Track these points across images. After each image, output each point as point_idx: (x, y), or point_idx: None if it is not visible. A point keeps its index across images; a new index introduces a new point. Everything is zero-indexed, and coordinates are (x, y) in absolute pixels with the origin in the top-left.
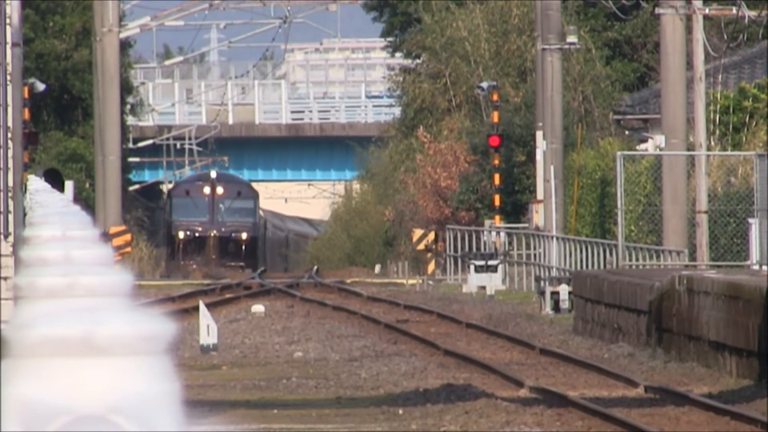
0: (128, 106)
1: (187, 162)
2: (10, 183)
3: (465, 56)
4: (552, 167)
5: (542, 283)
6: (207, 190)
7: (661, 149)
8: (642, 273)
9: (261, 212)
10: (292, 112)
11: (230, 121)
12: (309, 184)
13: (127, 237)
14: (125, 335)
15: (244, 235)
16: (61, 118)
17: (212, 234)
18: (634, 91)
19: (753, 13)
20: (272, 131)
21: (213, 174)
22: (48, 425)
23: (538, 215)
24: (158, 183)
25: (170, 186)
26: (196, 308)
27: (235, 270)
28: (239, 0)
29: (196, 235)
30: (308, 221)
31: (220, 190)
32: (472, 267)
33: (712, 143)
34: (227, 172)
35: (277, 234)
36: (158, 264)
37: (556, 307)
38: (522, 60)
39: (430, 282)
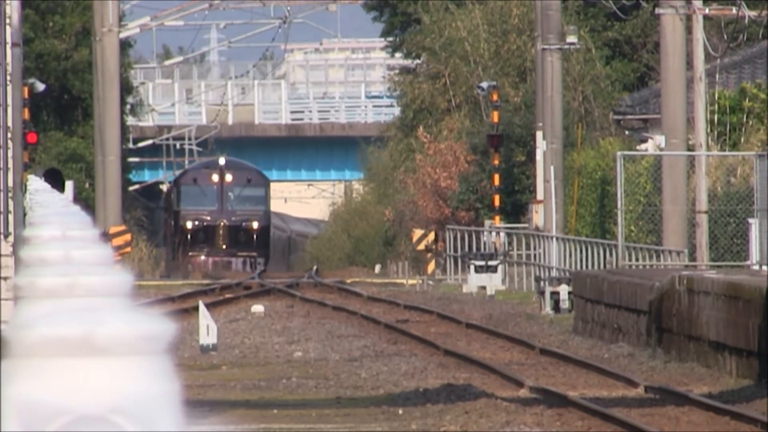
0: (128, 106)
1: (187, 162)
2: (10, 183)
3: (464, 56)
4: (552, 167)
5: (542, 283)
6: (215, 177)
7: (661, 149)
8: (642, 273)
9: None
10: (292, 112)
11: (230, 121)
12: (309, 184)
13: (127, 237)
14: (125, 335)
15: (255, 224)
16: (61, 118)
17: (222, 223)
18: (634, 91)
19: (753, 13)
20: (272, 131)
21: (221, 161)
22: (48, 425)
23: (538, 215)
24: (158, 183)
25: (177, 174)
26: (196, 308)
27: (245, 259)
28: (239, 0)
29: (205, 224)
30: (280, 216)
31: (229, 177)
32: (472, 267)
33: (712, 143)
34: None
35: None
36: (158, 264)
37: (556, 307)
38: (522, 60)
39: (430, 282)
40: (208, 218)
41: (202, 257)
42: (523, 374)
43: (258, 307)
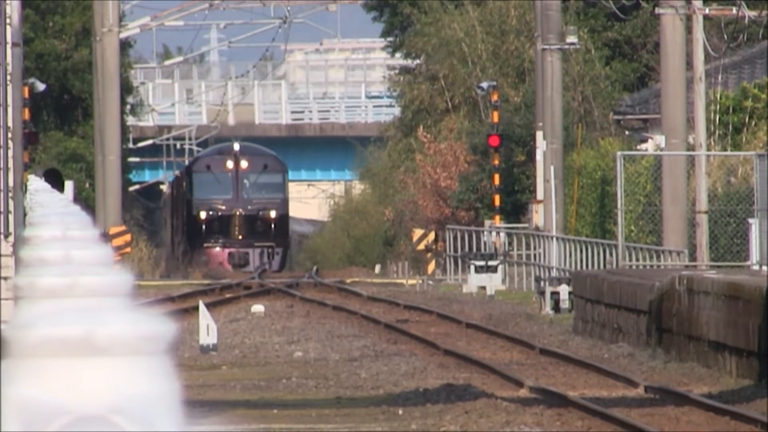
0: (128, 106)
1: (186, 162)
2: (11, 183)
3: (462, 57)
4: (552, 167)
5: (542, 283)
6: (230, 164)
7: (661, 149)
8: (642, 273)
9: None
10: (292, 112)
11: (230, 122)
12: (309, 185)
13: (127, 237)
14: (125, 335)
15: (272, 213)
16: (61, 118)
17: (238, 212)
18: (634, 91)
19: (753, 13)
20: (272, 131)
21: (236, 146)
22: (48, 425)
23: (538, 215)
24: (158, 183)
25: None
26: (196, 308)
27: (263, 249)
28: (239, 0)
29: (220, 214)
30: None
31: (244, 163)
32: (472, 267)
33: (712, 143)
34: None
35: None
36: (158, 264)
37: (556, 307)
38: (520, 61)
39: (430, 282)
40: (223, 207)
41: (218, 248)
42: (523, 374)
43: (258, 307)
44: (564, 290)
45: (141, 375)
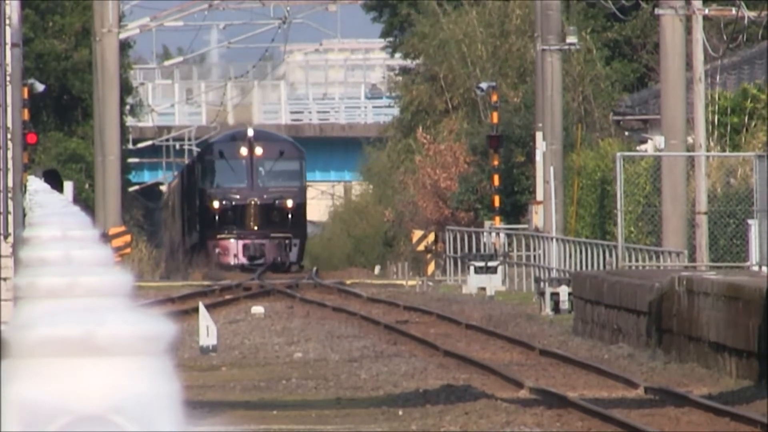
0: (128, 107)
1: (187, 162)
2: (10, 183)
3: (462, 58)
4: (552, 168)
5: (542, 284)
6: (244, 150)
7: (660, 150)
8: (642, 274)
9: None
10: (292, 112)
11: (230, 122)
12: (308, 185)
13: (127, 238)
14: (125, 335)
15: (289, 202)
16: (60, 118)
17: (252, 202)
18: (633, 92)
19: (753, 14)
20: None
21: (250, 131)
22: (48, 425)
23: (537, 216)
24: (158, 184)
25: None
26: (196, 309)
27: (280, 241)
28: (239, 0)
29: (234, 203)
30: None
31: (259, 150)
32: (471, 268)
33: (712, 144)
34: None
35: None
36: (158, 265)
37: (555, 307)
38: (521, 61)
39: (430, 283)
40: (237, 196)
41: (232, 240)
42: (522, 375)
43: (258, 308)
44: (564, 291)
45: (141, 375)
